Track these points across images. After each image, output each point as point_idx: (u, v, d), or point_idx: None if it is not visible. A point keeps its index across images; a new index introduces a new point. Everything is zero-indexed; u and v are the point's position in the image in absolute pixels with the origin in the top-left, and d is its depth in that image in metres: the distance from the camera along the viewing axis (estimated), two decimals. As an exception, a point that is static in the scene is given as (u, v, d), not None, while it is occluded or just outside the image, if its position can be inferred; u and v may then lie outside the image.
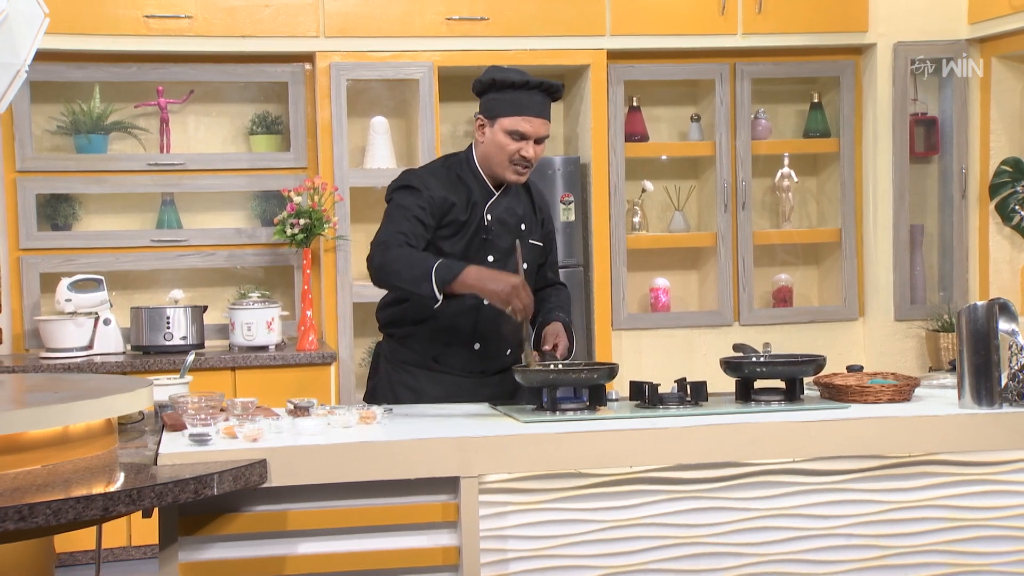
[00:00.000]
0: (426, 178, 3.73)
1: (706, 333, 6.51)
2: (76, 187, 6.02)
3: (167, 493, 2.66)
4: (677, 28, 6.31)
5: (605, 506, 3.18)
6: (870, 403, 3.42)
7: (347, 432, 3.15)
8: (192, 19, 5.85)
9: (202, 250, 6.09)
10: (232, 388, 5.63)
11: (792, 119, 6.89)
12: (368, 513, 3.06)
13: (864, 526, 3.27)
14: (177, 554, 2.94)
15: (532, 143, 3.66)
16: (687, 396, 3.45)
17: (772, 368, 3.50)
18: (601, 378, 3.38)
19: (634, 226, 6.56)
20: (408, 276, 3.51)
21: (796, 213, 6.85)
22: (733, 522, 3.23)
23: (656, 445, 3.15)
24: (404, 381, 3.83)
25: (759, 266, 6.72)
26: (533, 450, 3.09)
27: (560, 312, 3.87)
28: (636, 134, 6.52)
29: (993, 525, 3.30)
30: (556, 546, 3.16)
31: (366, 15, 6.01)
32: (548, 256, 4.00)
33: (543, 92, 3.68)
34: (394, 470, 3.02)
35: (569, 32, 6.21)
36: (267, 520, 3.01)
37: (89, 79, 6.01)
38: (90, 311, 5.79)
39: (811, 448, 3.21)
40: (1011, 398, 3.32)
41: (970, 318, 3.28)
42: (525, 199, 3.88)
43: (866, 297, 6.69)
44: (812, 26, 6.43)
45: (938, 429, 3.24)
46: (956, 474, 3.29)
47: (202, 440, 2.98)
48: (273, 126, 6.24)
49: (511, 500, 3.14)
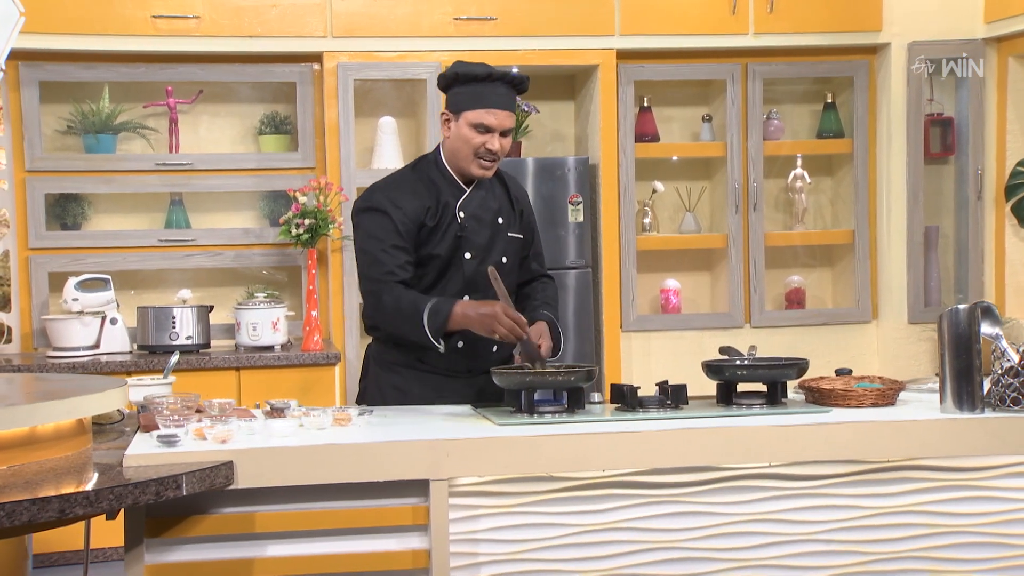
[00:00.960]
0: (391, 193, 3.72)
1: (717, 335, 6.45)
2: (85, 187, 6.05)
3: (127, 495, 2.66)
4: (687, 28, 6.26)
5: (579, 510, 3.15)
6: (853, 407, 3.38)
7: (319, 434, 3.14)
8: (200, 19, 5.86)
9: (210, 250, 6.10)
10: (236, 388, 5.64)
11: (806, 119, 6.83)
12: (338, 516, 3.05)
13: (843, 532, 3.23)
14: (143, 556, 2.94)
15: (498, 136, 3.65)
16: (667, 399, 3.42)
17: (753, 371, 3.45)
18: (579, 380, 3.36)
19: (644, 227, 6.52)
20: (406, 329, 3.60)
21: (809, 214, 6.79)
22: (709, 527, 3.19)
23: (629, 449, 3.12)
24: (392, 382, 3.82)
25: (771, 268, 6.66)
26: (504, 453, 3.07)
27: (546, 309, 3.84)
28: (647, 134, 6.48)
29: (974, 531, 3.25)
30: (529, 550, 3.14)
31: (373, 15, 6.00)
32: (531, 248, 3.98)
33: (507, 84, 3.68)
34: (362, 472, 3.01)
35: (578, 32, 6.17)
36: (235, 522, 3.00)
37: (98, 79, 6.03)
38: (97, 310, 5.81)
39: (787, 452, 3.17)
40: (994, 403, 3.26)
41: (951, 322, 3.23)
42: (500, 192, 3.87)
43: (879, 299, 6.62)
44: (825, 26, 6.37)
45: (918, 434, 3.19)
46: (937, 479, 3.25)
47: (170, 441, 2.98)
48: (282, 126, 6.25)
49: (483, 503, 3.12)
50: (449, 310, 3.52)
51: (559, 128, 6.67)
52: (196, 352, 5.82)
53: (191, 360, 5.62)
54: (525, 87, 3.74)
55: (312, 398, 5.58)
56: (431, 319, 3.51)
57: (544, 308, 3.85)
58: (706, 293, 6.77)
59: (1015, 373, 3.23)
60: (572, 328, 6.19)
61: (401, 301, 3.59)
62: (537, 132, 6.62)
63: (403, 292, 3.61)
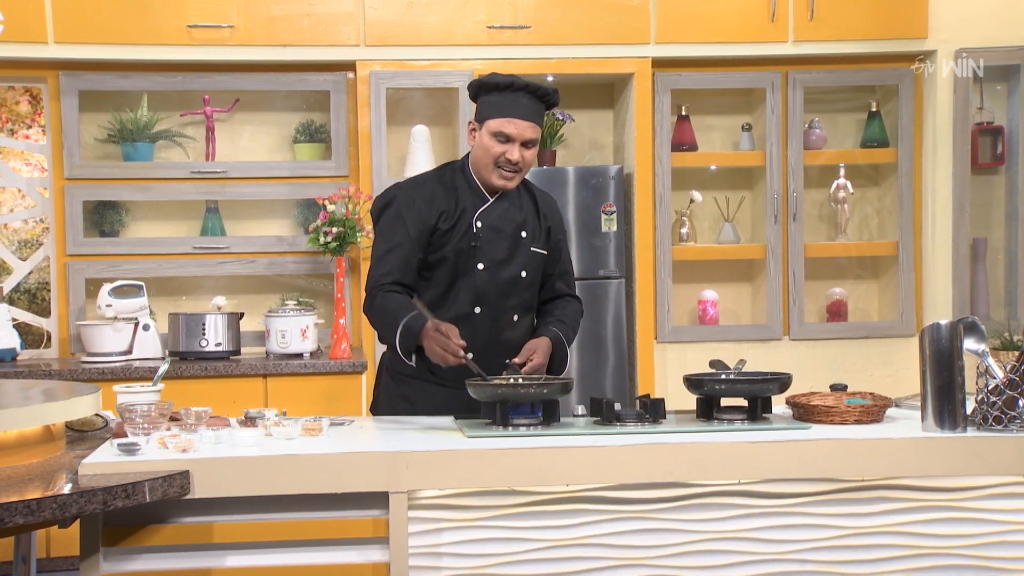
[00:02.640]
0: (409, 191, 3.72)
1: (754, 347, 6.36)
2: (122, 195, 6.13)
3: (71, 504, 2.66)
4: (725, 36, 6.18)
5: (545, 525, 3.11)
6: (836, 424, 3.29)
7: (284, 444, 3.13)
8: (234, 28, 5.91)
9: (243, 257, 6.15)
10: (263, 396, 5.67)
11: (851, 128, 6.70)
12: (298, 527, 3.04)
13: (818, 552, 3.15)
14: (99, 565, 2.96)
15: (518, 146, 3.62)
16: (645, 413, 3.36)
17: (732, 386, 3.38)
18: (552, 393, 3.32)
19: (681, 237, 6.44)
20: (387, 336, 3.65)
21: (854, 225, 6.66)
22: (679, 544, 3.13)
23: (592, 463, 3.08)
24: (401, 393, 3.81)
25: (813, 279, 6.55)
26: (464, 466, 3.04)
27: (556, 326, 3.78)
28: (684, 143, 6.40)
29: (954, 554, 3.15)
30: (492, 564, 3.10)
31: (406, 24, 6.01)
32: (557, 266, 3.91)
33: (531, 95, 3.64)
34: (320, 484, 2.99)
35: (613, 40, 6.12)
36: (194, 532, 3.01)
37: (136, 88, 6.11)
38: (130, 317, 5.89)
39: (757, 469, 3.10)
40: (978, 422, 3.16)
41: (933, 337, 3.13)
42: (528, 205, 3.82)
43: (924, 312, 6.46)
44: (868, 33, 6.24)
45: (894, 453, 3.10)
46: (917, 500, 3.15)
47: (131, 450, 2.99)
48: (317, 135, 6.28)
49: (447, 517, 3.09)
50: (419, 330, 3.52)
51: (597, 137, 6.62)
52: (226, 359, 5.86)
53: (218, 367, 5.67)
54: (553, 100, 3.70)
55: (338, 406, 5.60)
56: (403, 338, 3.54)
57: (555, 325, 3.78)
58: (747, 304, 6.67)
59: (999, 391, 3.12)
60: (606, 339, 6.13)
61: (386, 312, 3.59)
62: (575, 141, 6.58)
63: (391, 300, 3.59)
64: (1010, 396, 3.11)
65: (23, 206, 6.50)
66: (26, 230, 6.57)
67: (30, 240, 6.63)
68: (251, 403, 5.61)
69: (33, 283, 6.58)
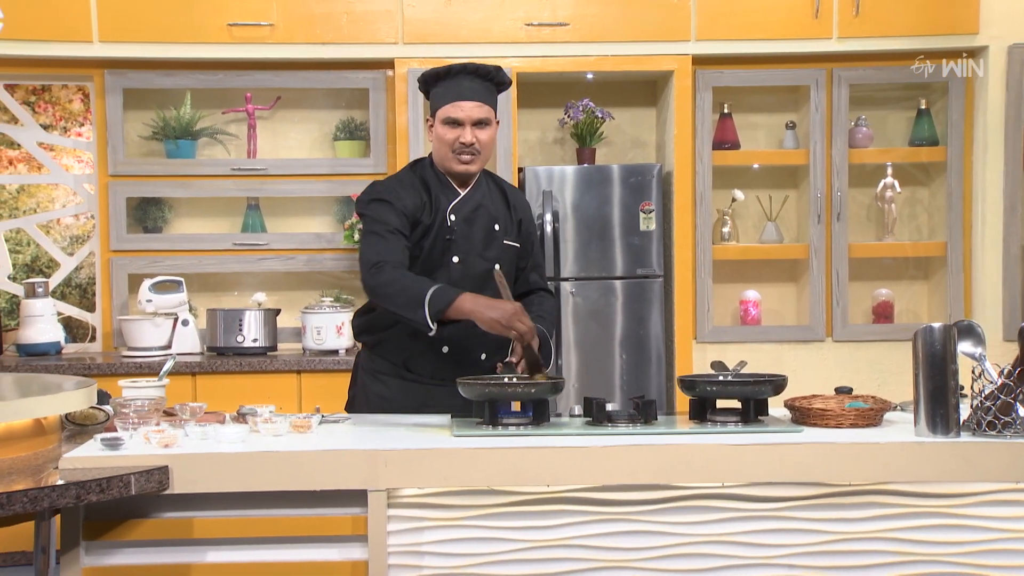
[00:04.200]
0: (394, 187, 3.74)
1: (796, 349, 6.27)
2: (164, 191, 6.21)
3: (42, 498, 2.69)
4: (767, 33, 6.09)
5: (528, 525, 3.09)
6: (831, 428, 3.23)
7: (269, 441, 3.14)
8: (274, 27, 5.95)
9: (282, 254, 6.19)
10: (297, 392, 5.72)
11: (901, 126, 6.57)
12: (278, 523, 3.05)
13: (806, 557, 3.09)
14: (80, 558, 2.99)
15: (469, 128, 3.65)
16: (637, 414, 3.32)
17: (724, 388, 3.32)
18: (540, 393, 3.29)
19: (723, 236, 6.37)
20: (401, 301, 3.51)
21: (903, 225, 6.53)
22: (662, 547, 3.10)
23: (576, 464, 3.05)
24: (378, 391, 3.81)
25: (859, 280, 6.43)
26: (443, 465, 3.03)
27: (539, 323, 3.76)
28: (727, 142, 6.33)
29: (946, 561, 3.08)
30: (474, 564, 3.09)
31: (444, 22, 6.01)
32: (530, 259, 3.93)
33: (472, 75, 3.67)
34: (299, 481, 3.00)
35: (652, 37, 6.06)
36: (175, 527, 3.03)
37: (179, 86, 6.19)
38: (169, 312, 5.97)
39: (742, 473, 3.05)
40: (972, 427, 3.07)
41: (926, 340, 3.06)
42: (498, 199, 3.85)
43: (973, 315, 6.31)
44: (915, 28, 6.11)
45: (883, 457, 3.03)
46: (908, 505, 3.08)
47: (114, 444, 3.02)
48: (356, 132, 6.31)
49: (429, 515, 3.08)
50: (454, 297, 3.44)
51: (640, 135, 6.57)
52: (263, 355, 5.91)
53: (253, 362, 5.72)
54: (499, 78, 3.74)
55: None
56: (434, 300, 3.43)
57: (537, 321, 3.77)
58: (790, 305, 6.58)
59: (993, 397, 3.03)
60: (646, 338, 6.08)
61: (405, 278, 3.54)
62: (617, 138, 6.53)
63: (405, 272, 3.57)
64: (1005, 401, 3.02)
65: (74, 203, 6.61)
66: (77, 226, 6.68)
67: (81, 236, 6.74)
68: (285, 399, 5.67)
69: (84, 278, 6.69)
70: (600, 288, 6.07)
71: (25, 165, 6.53)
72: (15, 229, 6.53)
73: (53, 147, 6.51)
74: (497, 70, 3.71)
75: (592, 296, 6.07)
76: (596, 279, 6.08)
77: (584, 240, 6.04)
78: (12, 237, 6.53)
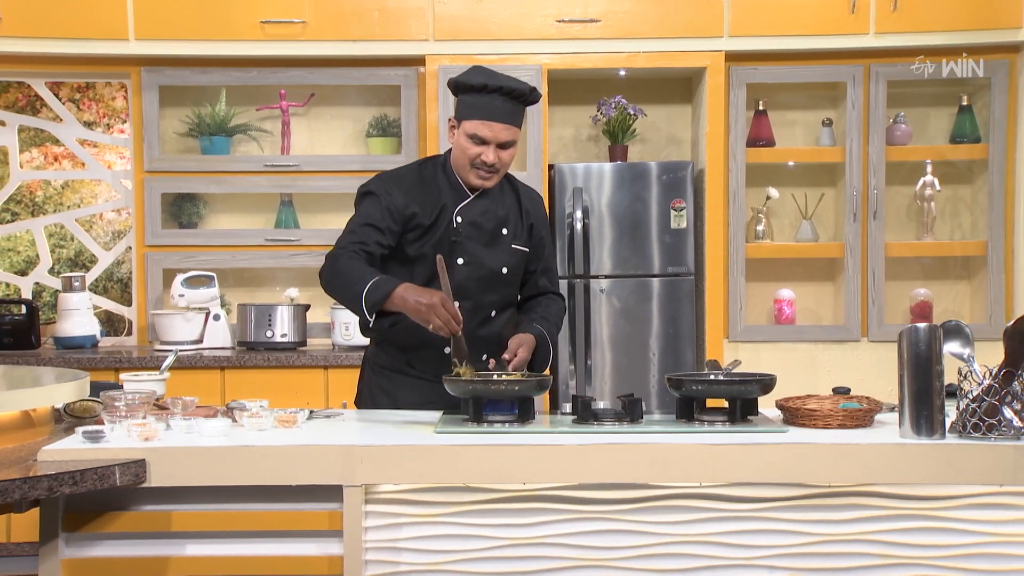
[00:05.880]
0: (389, 183, 3.73)
1: (830, 349, 6.19)
2: (198, 187, 6.28)
3: (12, 490, 2.72)
4: (802, 29, 6.01)
5: (506, 523, 3.08)
6: (818, 428, 3.18)
7: (251, 435, 3.16)
8: (306, 24, 5.99)
9: (314, 250, 6.22)
10: (324, 387, 5.74)
11: (942, 123, 6.45)
12: (256, 518, 3.07)
13: (786, 558, 3.05)
14: (59, 550, 3.03)
15: (494, 148, 3.60)
16: (624, 412, 3.29)
17: (710, 387, 3.29)
18: (524, 391, 3.28)
19: (757, 234, 6.30)
20: (346, 294, 3.52)
21: (943, 224, 6.41)
22: (640, 546, 3.07)
23: (553, 462, 3.02)
24: (382, 386, 3.82)
25: (897, 280, 6.34)
26: (419, 462, 3.02)
27: (540, 324, 3.75)
28: (761, 139, 6.25)
29: (929, 564, 3.02)
30: (451, 561, 3.08)
31: (475, 18, 6.01)
32: (540, 263, 3.90)
33: (507, 97, 3.60)
34: (275, 476, 3.01)
35: (685, 34, 6.01)
36: (152, 520, 3.06)
37: (213, 83, 6.25)
38: (201, 307, 6.03)
39: (721, 472, 3.01)
40: (959, 429, 3.01)
41: (910, 340, 2.99)
42: (511, 202, 3.80)
43: (1014, 315, 6.17)
44: (955, 24, 5.99)
45: (865, 458, 2.97)
46: (891, 507, 3.02)
47: (95, 437, 3.05)
48: (389, 129, 6.33)
49: (406, 512, 3.08)
50: (391, 289, 3.39)
51: (675, 132, 6.52)
52: (292, 350, 5.95)
53: (281, 358, 5.76)
54: (530, 99, 3.66)
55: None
56: (371, 292, 3.41)
57: (539, 323, 3.76)
58: (826, 304, 6.49)
59: (979, 398, 2.97)
60: (678, 337, 6.04)
61: (352, 270, 3.50)
62: (652, 136, 6.49)
63: (358, 263, 3.53)
64: (990, 403, 2.95)
65: (114, 199, 6.69)
66: (119, 221, 6.76)
67: (122, 231, 6.83)
68: (312, 394, 5.71)
69: (124, 273, 6.78)
70: (632, 286, 6.04)
71: (69, 162, 6.63)
72: (58, 224, 6.63)
73: (96, 144, 6.60)
74: (532, 91, 3.65)
75: (624, 294, 6.03)
76: (628, 277, 6.04)
77: (615, 238, 6.01)
78: (56, 232, 6.63)
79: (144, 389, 3.61)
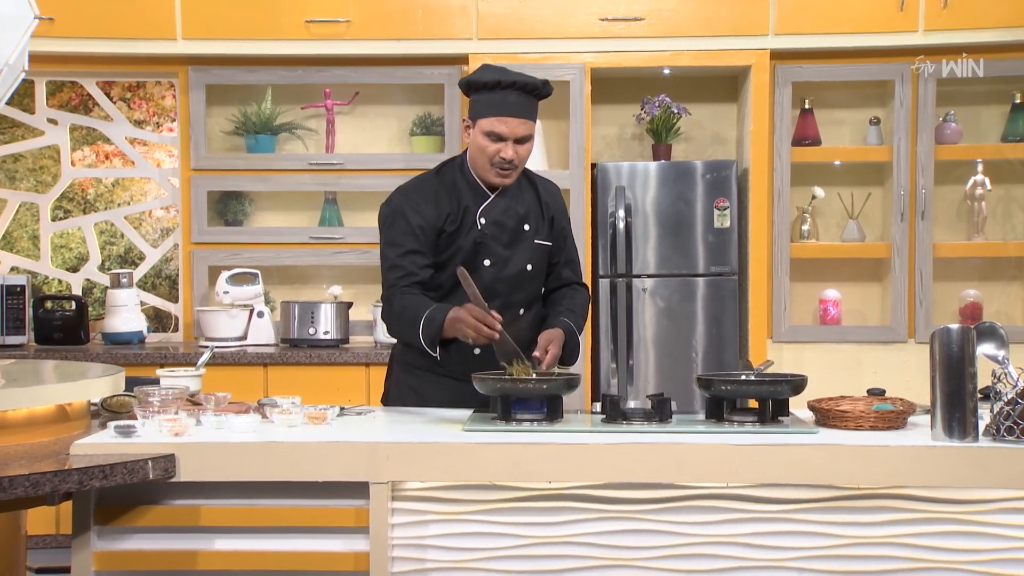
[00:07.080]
0: (413, 197, 3.73)
1: (875, 350, 6.12)
2: (244, 185, 6.33)
3: (44, 483, 2.75)
4: (849, 26, 5.95)
5: (531, 521, 3.08)
6: (849, 430, 3.15)
7: (281, 432, 3.17)
8: (350, 23, 6.01)
9: (358, 248, 6.25)
10: (366, 384, 5.77)
11: (996, 121, 6.36)
12: (283, 513, 3.08)
13: (815, 560, 3.02)
14: (91, 542, 3.06)
15: (512, 144, 3.60)
16: (653, 412, 3.28)
17: (739, 387, 3.26)
18: (553, 389, 3.27)
19: (803, 234, 6.24)
20: (408, 336, 3.63)
21: (993, 224, 6.33)
22: (667, 547, 3.05)
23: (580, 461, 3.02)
24: (411, 384, 3.83)
25: (947, 280, 6.26)
26: (445, 460, 3.03)
27: (568, 317, 3.75)
28: (807, 138, 6.20)
29: (960, 569, 2.98)
30: (477, 559, 3.08)
31: (519, 16, 6.00)
32: (562, 254, 3.91)
33: (520, 91, 3.60)
34: (301, 472, 3.03)
35: (729, 32, 5.97)
36: (182, 514, 3.08)
37: (259, 82, 6.30)
38: (246, 304, 6.08)
39: (748, 473, 2.99)
40: (993, 432, 2.96)
41: (943, 342, 2.96)
42: (530, 198, 3.80)
43: (1067, 317, 6.11)
44: (1008, 20, 5.90)
45: (895, 461, 2.94)
46: (922, 511, 2.99)
47: (127, 432, 3.08)
48: (433, 127, 6.34)
49: (433, 509, 3.09)
50: (442, 319, 3.49)
51: (720, 131, 6.48)
52: (335, 347, 5.98)
53: (323, 355, 5.79)
54: (544, 92, 3.67)
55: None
56: (426, 328, 3.51)
57: (566, 316, 3.76)
58: (874, 305, 6.42)
59: (1013, 401, 2.92)
60: (722, 336, 6.00)
61: (406, 309, 3.59)
62: (697, 134, 6.46)
63: (410, 299, 3.60)
64: None
65: (162, 196, 6.76)
66: (168, 219, 6.82)
67: (170, 228, 6.89)
68: (354, 391, 5.73)
69: (173, 270, 6.84)
70: (675, 285, 6.01)
71: (119, 160, 6.70)
72: (108, 222, 6.70)
73: (146, 142, 6.67)
74: (544, 84, 3.66)
75: (667, 293, 6.00)
76: (671, 276, 6.02)
77: (658, 237, 5.99)
78: (106, 229, 6.71)
79: (178, 385, 3.64)
